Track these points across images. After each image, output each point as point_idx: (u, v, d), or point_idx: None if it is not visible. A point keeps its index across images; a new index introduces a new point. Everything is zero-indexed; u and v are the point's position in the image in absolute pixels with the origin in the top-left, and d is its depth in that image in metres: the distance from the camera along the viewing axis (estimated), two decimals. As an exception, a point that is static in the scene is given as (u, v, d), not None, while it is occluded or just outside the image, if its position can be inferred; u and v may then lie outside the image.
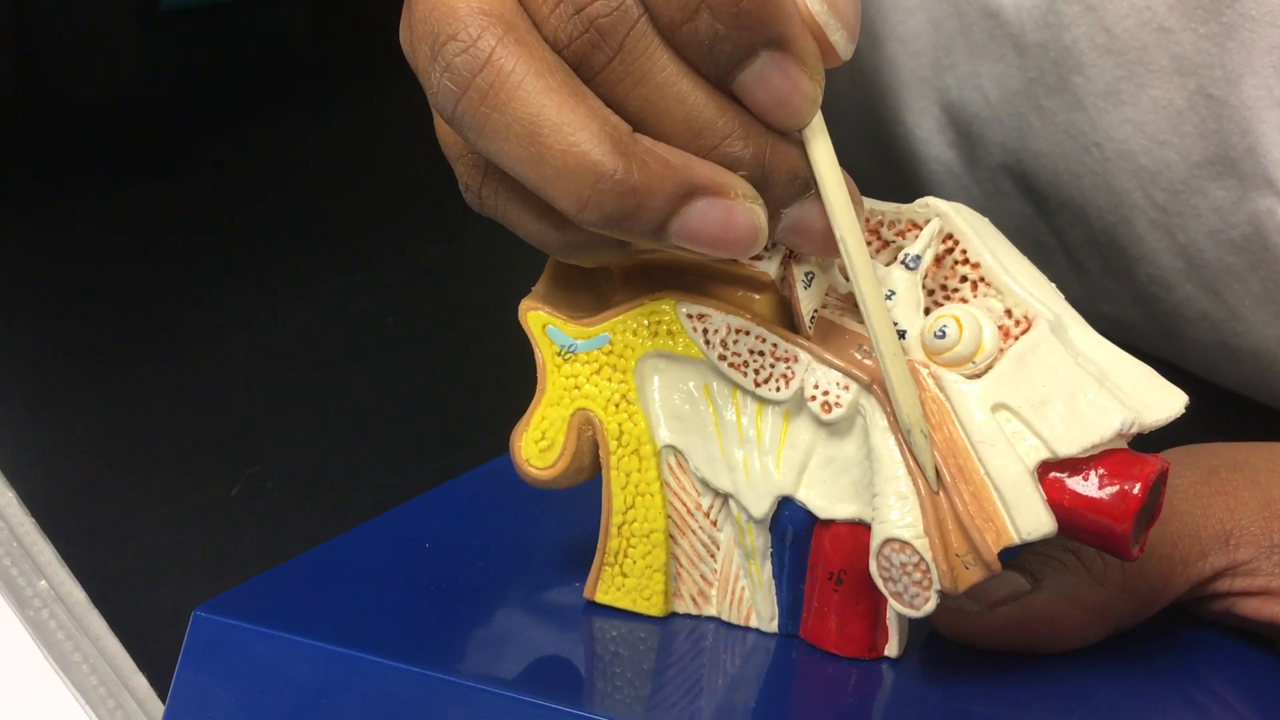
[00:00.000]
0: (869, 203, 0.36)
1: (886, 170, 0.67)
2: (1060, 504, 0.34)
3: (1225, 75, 0.49)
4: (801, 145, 0.33)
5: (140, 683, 0.43)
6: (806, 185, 0.33)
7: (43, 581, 0.45)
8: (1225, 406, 0.58)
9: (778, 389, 0.36)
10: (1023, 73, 0.57)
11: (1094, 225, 0.58)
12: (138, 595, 0.48)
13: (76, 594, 0.45)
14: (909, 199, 0.36)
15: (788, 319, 0.36)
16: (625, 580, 0.38)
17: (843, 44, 0.32)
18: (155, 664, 0.43)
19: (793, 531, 0.37)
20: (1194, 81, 0.50)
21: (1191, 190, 0.52)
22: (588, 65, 0.31)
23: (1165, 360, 0.60)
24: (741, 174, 0.32)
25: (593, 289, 0.38)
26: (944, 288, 0.36)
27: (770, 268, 0.36)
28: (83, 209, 0.78)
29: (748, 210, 0.31)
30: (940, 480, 0.34)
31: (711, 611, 0.39)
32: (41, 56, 0.85)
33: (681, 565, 0.38)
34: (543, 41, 0.31)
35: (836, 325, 0.36)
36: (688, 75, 0.31)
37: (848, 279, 0.34)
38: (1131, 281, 0.58)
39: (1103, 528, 0.34)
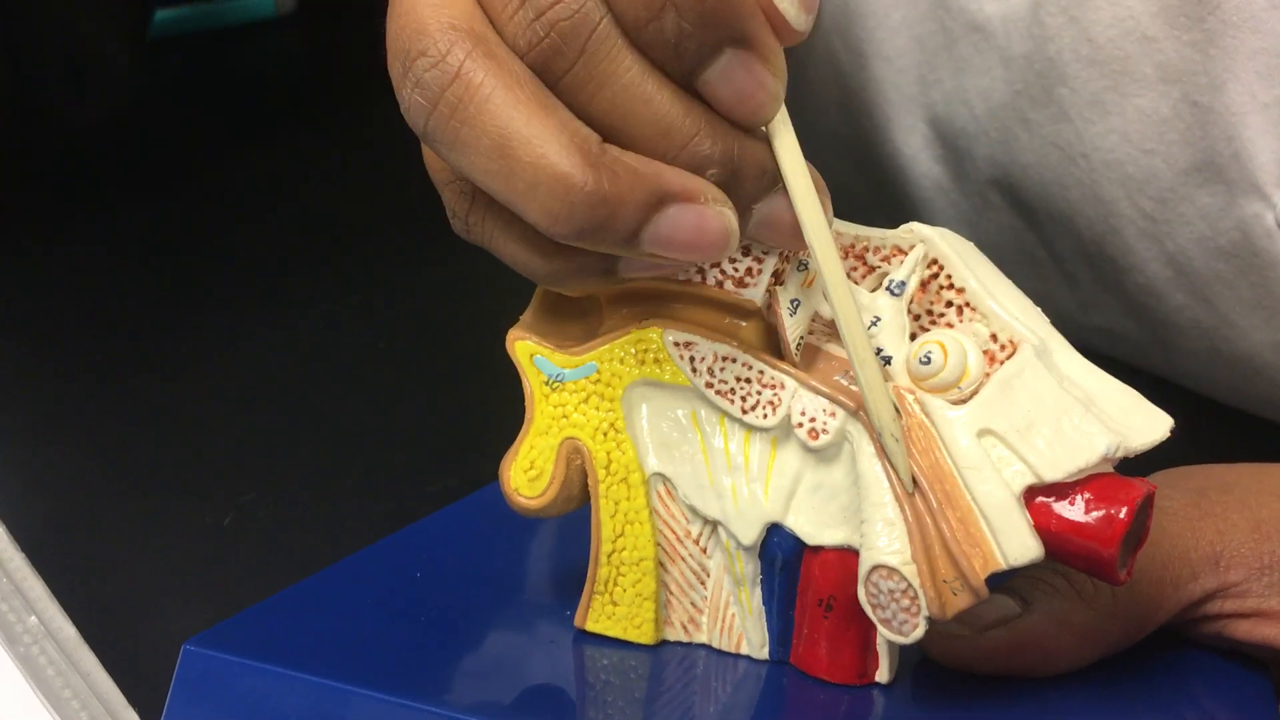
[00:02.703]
0: (854, 228, 0.37)
1: (874, 188, 0.67)
2: (1047, 529, 0.34)
3: (1209, 82, 0.49)
4: (767, 141, 0.33)
5: (131, 717, 0.43)
6: (774, 179, 0.33)
7: (33, 617, 0.45)
8: (1216, 420, 0.58)
9: (765, 416, 0.36)
10: (1008, 85, 0.57)
11: (1083, 235, 0.58)
12: (129, 630, 0.48)
13: (67, 629, 0.44)
14: (896, 217, 0.36)
15: (774, 346, 0.36)
16: (615, 609, 0.38)
17: (794, 15, 0.32)
18: (146, 700, 0.43)
19: (782, 558, 0.37)
20: (1178, 89, 0.50)
21: (1179, 198, 0.53)
22: (551, 71, 0.31)
23: (1157, 373, 0.60)
24: (711, 172, 0.32)
25: (580, 318, 0.38)
26: (929, 313, 0.36)
27: (756, 295, 0.36)
28: (72, 234, 0.79)
29: (719, 214, 0.32)
30: (916, 486, 0.34)
31: (702, 639, 0.39)
32: (36, 83, 0.86)
33: (671, 593, 0.38)
34: (512, 53, 0.31)
35: (822, 351, 0.36)
36: (652, 76, 0.31)
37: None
38: (1122, 291, 0.58)
39: (1090, 552, 0.34)
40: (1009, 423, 0.34)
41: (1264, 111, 0.48)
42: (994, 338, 0.35)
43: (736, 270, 0.36)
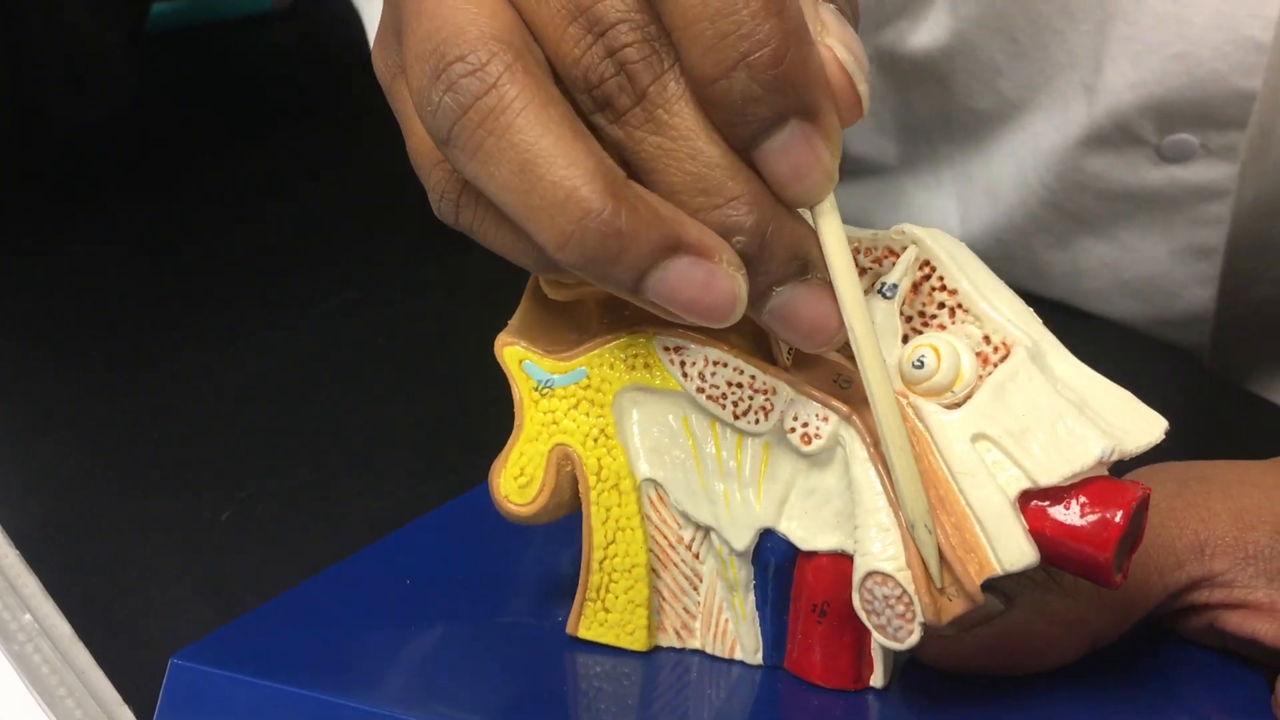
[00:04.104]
0: (845, 227, 0.36)
1: None
2: (1042, 533, 0.33)
3: (1094, 65, 0.59)
4: (807, 226, 0.32)
5: (126, 715, 0.43)
6: (804, 268, 0.32)
7: (27, 615, 0.45)
8: (1125, 347, 0.66)
9: (756, 421, 0.35)
10: (946, 91, 0.64)
11: (998, 207, 0.66)
12: (124, 627, 0.47)
13: (61, 627, 0.44)
14: None
15: (766, 351, 0.36)
16: (608, 615, 0.38)
17: (866, 96, 0.32)
18: (142, 698, 0.43)
19: (775, 563, 0.36)
20: (1077, 74, 0.60)
21: (1069, 169, 0.62)
22: (613, 107, 0.31)
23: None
24: (738, 240, 0.31)
25: (569, 323, 0.38)
26: (922, 314, 0.36)
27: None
28: (68, 231, 0.78)
29: (730, 277, 0.31)
30: (944, 572, 0.33)
31: (696, 644, 0.38)
32: (33, 79, 0.86)
33: (664, 599, 0.38)
34: (549, 73, 0.31)
35: (815, 356, 0.36)
36: (706, 132, 0.31)
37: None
38: (1031, 252, 0.66)
39: (1085, 556, 0.33)
40: (1003, 427, 0.34)
41: (1133, 90, 0.58)
42: (987, 339, 0.35)
43: None
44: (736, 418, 0.36)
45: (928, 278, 0.36)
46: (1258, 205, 0.63)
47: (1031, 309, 0.36)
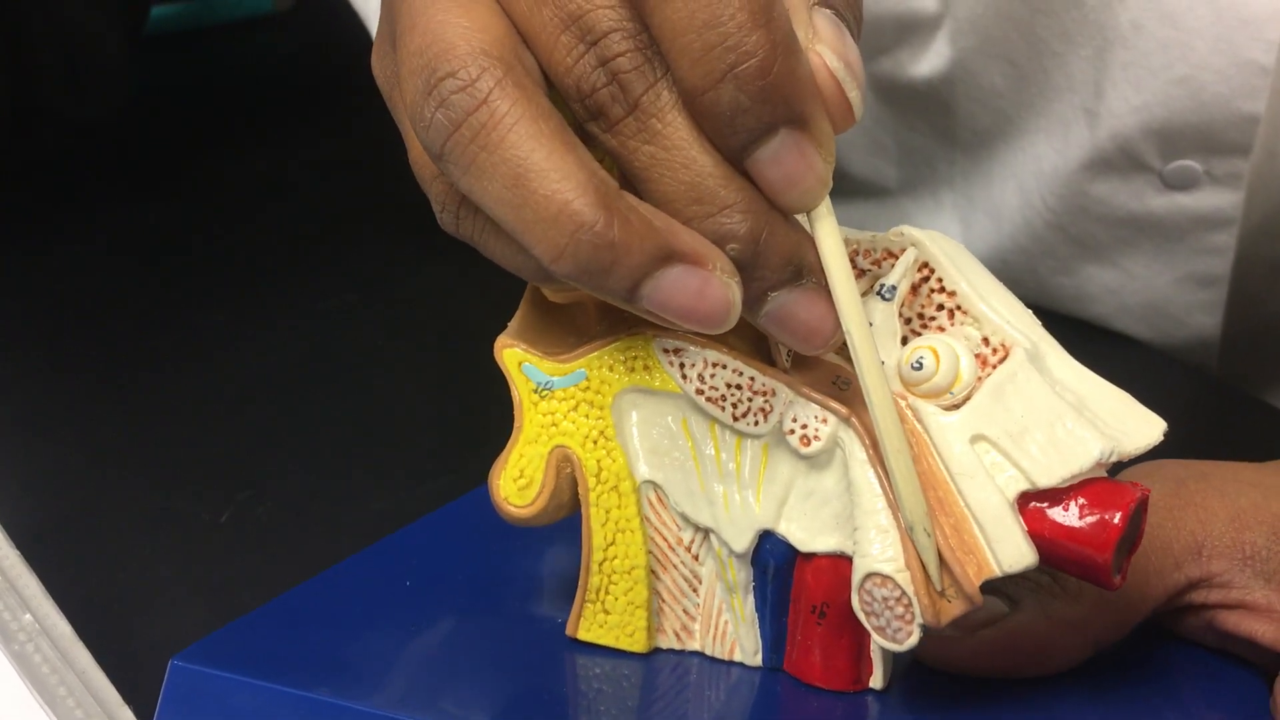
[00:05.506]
0: (844, 231, 0.36)
1: None
2: (1041, 535, 0.33)
3: (1095, 90, 0.59)
4: (802, 232, 0.32)
5: (126, 715, 0.43)
6: (799, 273, 0.32)
7: (27, 615, 0.45)
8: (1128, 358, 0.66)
9: (756, 423, 0.36)
10: (946, 113, 0.65)
11: (1003, 229, 0.66)
12: (124, 627, 0.47)
13: (61, 626, 0.44)
14: None
15: (764, 353, 0.36)
16: (607, 617, 0.38)
17: (858, 102, 0.32)
18: (142, 698, 0.43)
19: (774, 565, 0.36)
20: (1078, 98, 0.60)
21: (1073, 191, 0.62)
22: (605, 117, 0.31)
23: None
24: (733, 248, 0.31)
25: (569, 325, 0.38)
26: (921, 316, 0.36)
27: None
28: (68, 231, 0.78)
29: (723, 285, 0.31)
30: (943, 574, 0.33)
31: (695, 646, 0.38)
32: (33, 79, 0.86)
33: (664, 601, 0.38)
34: (541, 86, 0.31)
35: (813, 357, 0.36)
36: (698, 141, 0.31)
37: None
38: (1035, 275, 0.67)
39: (1084, 558, 0.33)
40: (1002, 428, 0.34)
41: (1136, 114, 0.58)
42: (985, 341, 0.35)
43: None
44: (736, 419, 0.36)
45: (926, 279, 0.36)
46: (1265, 228, 0.62)
47: (1030, 311, 0.36)
